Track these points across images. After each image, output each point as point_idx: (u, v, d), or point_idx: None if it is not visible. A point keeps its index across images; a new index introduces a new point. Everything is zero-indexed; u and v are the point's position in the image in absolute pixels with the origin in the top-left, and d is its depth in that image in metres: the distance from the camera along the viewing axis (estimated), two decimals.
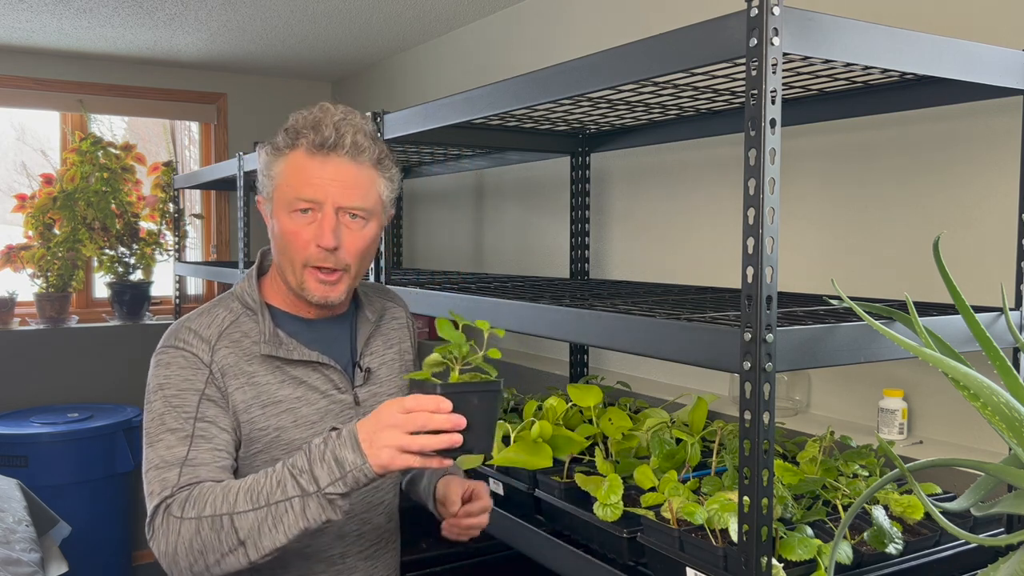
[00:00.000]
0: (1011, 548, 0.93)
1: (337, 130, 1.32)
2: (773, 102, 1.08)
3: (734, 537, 1.23)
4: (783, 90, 1.10)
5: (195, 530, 1.20)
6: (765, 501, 1.10)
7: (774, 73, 1.07)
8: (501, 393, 1.22)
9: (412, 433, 1.16)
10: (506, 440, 1.80)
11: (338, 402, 1.44)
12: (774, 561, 1.15)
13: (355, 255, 1.37)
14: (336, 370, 1.44)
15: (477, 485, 1.46)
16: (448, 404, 1.16)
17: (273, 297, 1.45)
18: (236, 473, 1.36)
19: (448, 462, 1.20)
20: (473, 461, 1.38)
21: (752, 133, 1.08)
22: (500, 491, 1.81)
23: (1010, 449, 0.94)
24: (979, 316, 1.12)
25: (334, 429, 1.23)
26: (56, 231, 3.94)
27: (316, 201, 1.33)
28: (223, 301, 1.44)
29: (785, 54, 1.09)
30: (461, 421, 1.17)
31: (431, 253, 3.73)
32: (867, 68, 1.32)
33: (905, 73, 1.33)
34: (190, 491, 1.24)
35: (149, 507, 1.27)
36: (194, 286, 4.49)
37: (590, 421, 1.90)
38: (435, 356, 1.25)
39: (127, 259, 4.12)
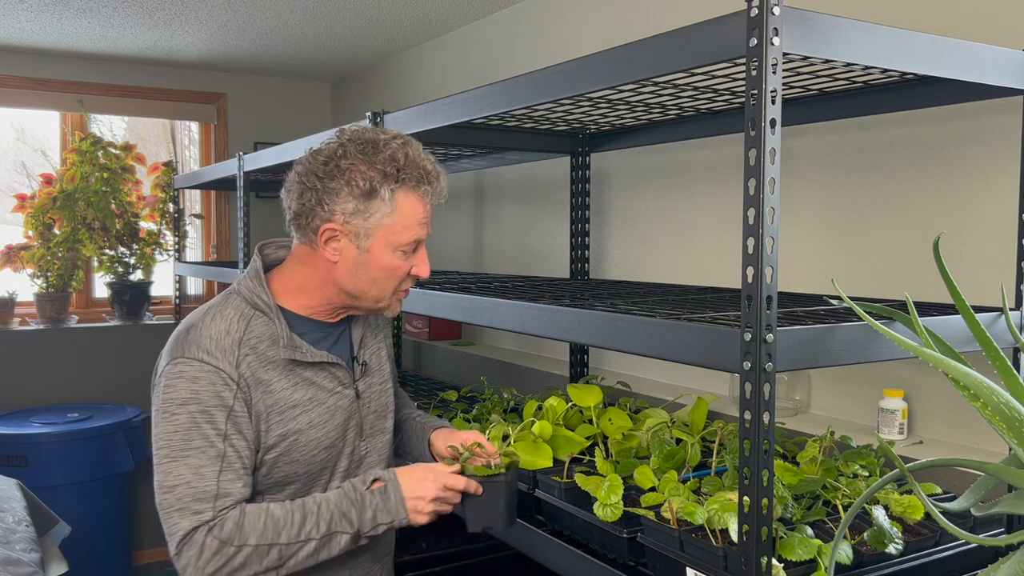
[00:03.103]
0: (1011, 548, 0.93)
1: (438, 177, 1.43)
2: (773, 102, 1.08)
3: (734, 537, 1.23)
4: (783, 90, 1.11)
5: (243, 556, 1.30)
6: (765, 501, 1.11)
7: (774, 73, 1.07)
8: (506, 482, 1.47)
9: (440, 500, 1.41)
10: (506, 440, 1.80)
11: (345, 398, 1.48)
12: (774, 561, 1.15)
13: None
14: (342, 367, 1.48)
15: (470, 436, 1.52)
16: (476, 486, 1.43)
17: (285, 298, 1.45)
18: (258, 476, 1.40)
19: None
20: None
21: (752, 133, 1.08)
22: None
23: (1010, 449, 0.94)
24: (979, 316, 1.12)
25: (376, 480, 1.40)
26: (56, 231, 3.94)
27: (422, 240, 1.46)
28: (230, 302, 1.43)
29: (785, 54, 1.09)
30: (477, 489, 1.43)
31: (431, 253, 3.71)
32: (867, 68, 1.32)
33: (905, 73, 1.32)
34: (234, 517, 1.31)
35: (182, 523, 1.29)
36: (194, 286, 4.49)
37: (590, 421, 1.90)
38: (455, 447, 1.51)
39: (127, 259, 4.12)
